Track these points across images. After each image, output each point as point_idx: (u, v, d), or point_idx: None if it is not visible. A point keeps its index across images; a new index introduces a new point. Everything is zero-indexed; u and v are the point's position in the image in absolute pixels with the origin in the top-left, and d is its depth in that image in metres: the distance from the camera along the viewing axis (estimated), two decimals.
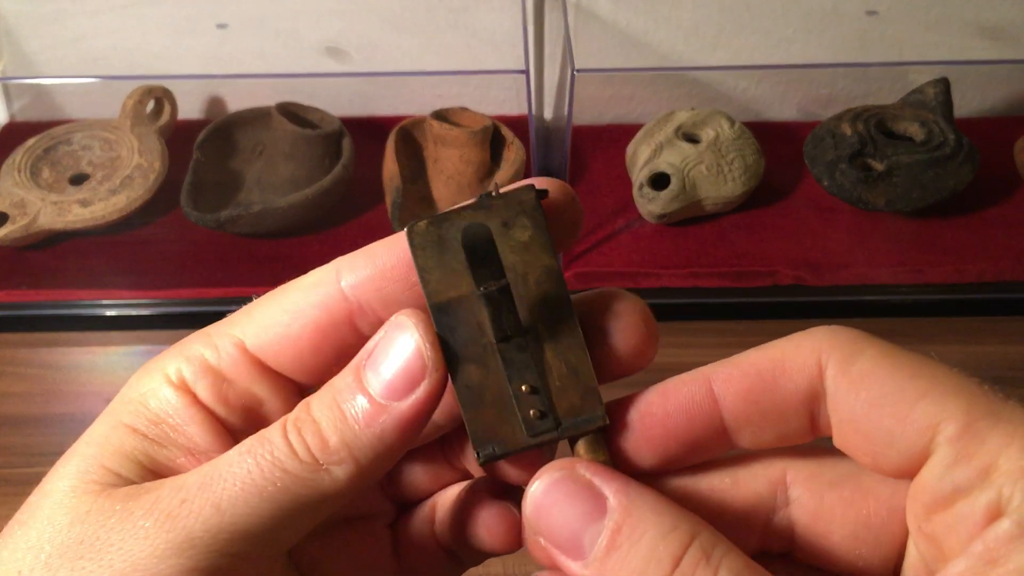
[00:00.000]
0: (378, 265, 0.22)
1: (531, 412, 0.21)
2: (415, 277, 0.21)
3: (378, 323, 0.22)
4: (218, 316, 0.23)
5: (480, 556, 0.26)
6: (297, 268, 0.22)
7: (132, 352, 0.62)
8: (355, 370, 0.21)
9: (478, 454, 0.21)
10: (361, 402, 0.20)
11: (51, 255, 0.66)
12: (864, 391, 0.20)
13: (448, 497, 0.26)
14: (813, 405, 0.21)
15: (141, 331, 0.63)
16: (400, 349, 0.21)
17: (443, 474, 0.26)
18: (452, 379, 0.21)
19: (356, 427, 0.20)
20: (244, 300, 0.23)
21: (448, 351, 0.21)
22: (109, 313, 0.63)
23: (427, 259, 0.21)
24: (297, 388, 0.23)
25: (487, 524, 0.24)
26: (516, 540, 0.24)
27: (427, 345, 0.20)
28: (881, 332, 0.21)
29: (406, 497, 0.27)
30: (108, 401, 0.22)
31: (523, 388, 0.21)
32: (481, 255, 0.21)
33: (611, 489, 0.20)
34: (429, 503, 0.26)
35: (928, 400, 0.19)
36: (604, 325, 0.22)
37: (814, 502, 0.22)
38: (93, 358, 0.62)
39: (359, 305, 0.22)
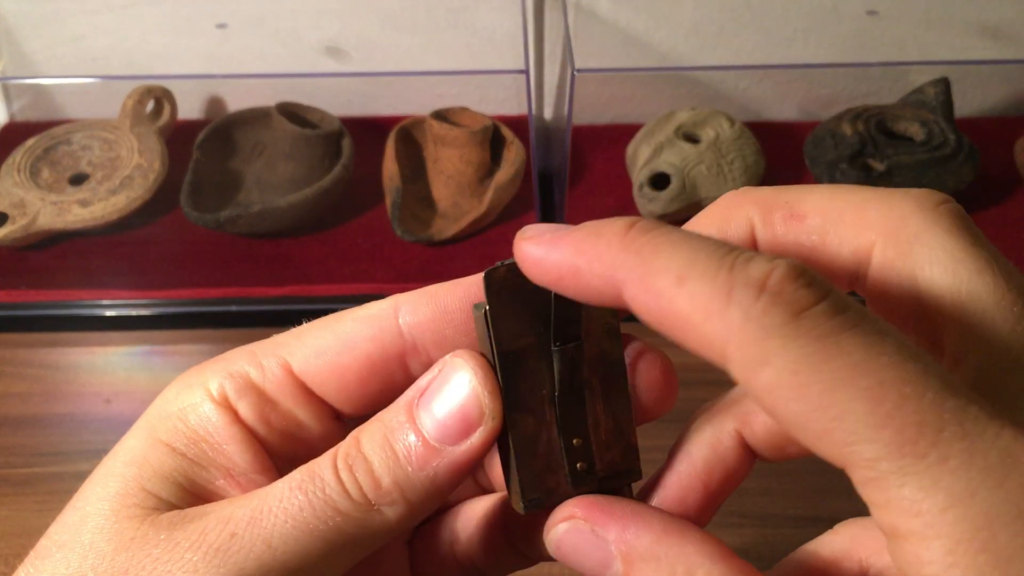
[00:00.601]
0: (439, 307, 0.22)
1: (578, 465, 0.21)
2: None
3: (430, 364, 0.21)
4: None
5: (506, 570, 0.25)
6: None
7: (132, 352, 0.62)
8: (407, 407, 0.21)
9: (525, 503, 0.21)
10: (413, 442, 0.20)
11: (51, 255, 0.66)
12: None
13: (470, 514, 0.26)
14: None
15: (141, 331, 0.63)
16: (455, 391, 0.20)
17: (462, 488, 0.26)
18: (509, 427, 0.21)
19: (409, 469, 0.20)
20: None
21: (507, 399, 0.21)
22: (109, 313, 0.63)
23: (501, 306, 0.21)
24: (335, 415, 0.23)
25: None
26: None
27: (486, 393, 0.20)
28: None
29: None
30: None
31: (574, 441, 0.21)
32: (560, 311, 0.21)
33: (611, 536, 0.20)
34: (446, 519, 0.26)
35: None
36: (631, 380, 0.22)
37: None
38: (93, 358, 0.62)
39: (413, 344, 0.22)
